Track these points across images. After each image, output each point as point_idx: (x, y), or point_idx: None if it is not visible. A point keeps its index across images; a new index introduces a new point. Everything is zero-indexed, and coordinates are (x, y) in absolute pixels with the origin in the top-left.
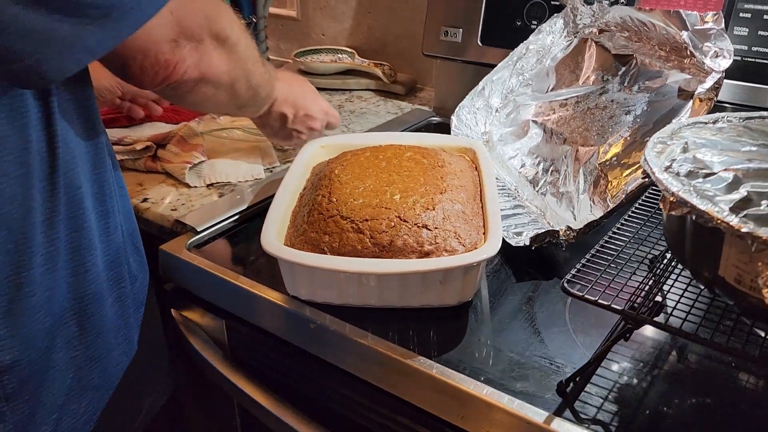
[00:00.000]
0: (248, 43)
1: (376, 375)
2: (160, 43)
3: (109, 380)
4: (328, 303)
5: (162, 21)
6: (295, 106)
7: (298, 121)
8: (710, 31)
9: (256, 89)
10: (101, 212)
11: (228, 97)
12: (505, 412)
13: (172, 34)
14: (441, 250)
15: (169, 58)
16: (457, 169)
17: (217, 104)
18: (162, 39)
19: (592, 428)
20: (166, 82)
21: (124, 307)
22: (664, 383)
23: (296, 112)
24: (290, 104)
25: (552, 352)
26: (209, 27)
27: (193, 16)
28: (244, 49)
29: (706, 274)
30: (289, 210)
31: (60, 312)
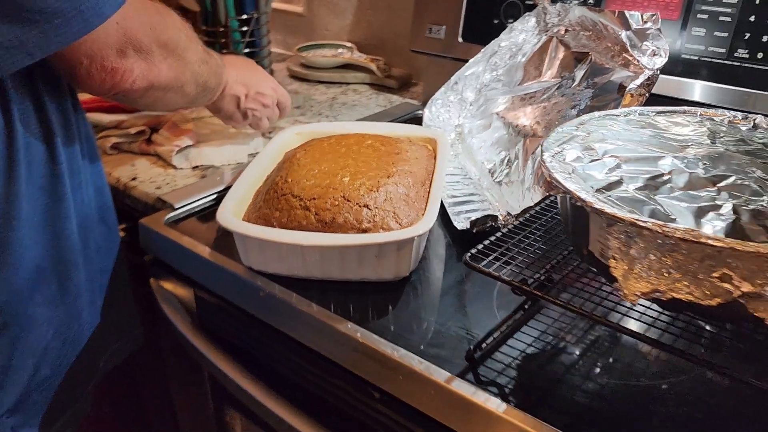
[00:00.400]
0: (195, 47)
1: (314, 341)
2: (106, 50)
3: (82, 336)
4: (278, 274)
5: (108, 31)
6: (246, 86)
7: (250, 100)
8: (648, 31)
9: (204, 85)
10: (76, 185)
11: (179, 98)
12: (414, 373)
13: (119, 44)
14: (378, 228)
15: (116, 66)
16: (413, 157)
17: (168, 104)
18: (108, 47)
19: (488, 389)
20: (114, 90)
21: (92, 273)
22: (566, 355)
23: (248, 91)
24: (241, 84)
25: (472, 325)
26: (157, 38)
27: (140, 27)
28: (191, 54)
29: (583, 250)
30: (254, 189)
31: (41, 270)
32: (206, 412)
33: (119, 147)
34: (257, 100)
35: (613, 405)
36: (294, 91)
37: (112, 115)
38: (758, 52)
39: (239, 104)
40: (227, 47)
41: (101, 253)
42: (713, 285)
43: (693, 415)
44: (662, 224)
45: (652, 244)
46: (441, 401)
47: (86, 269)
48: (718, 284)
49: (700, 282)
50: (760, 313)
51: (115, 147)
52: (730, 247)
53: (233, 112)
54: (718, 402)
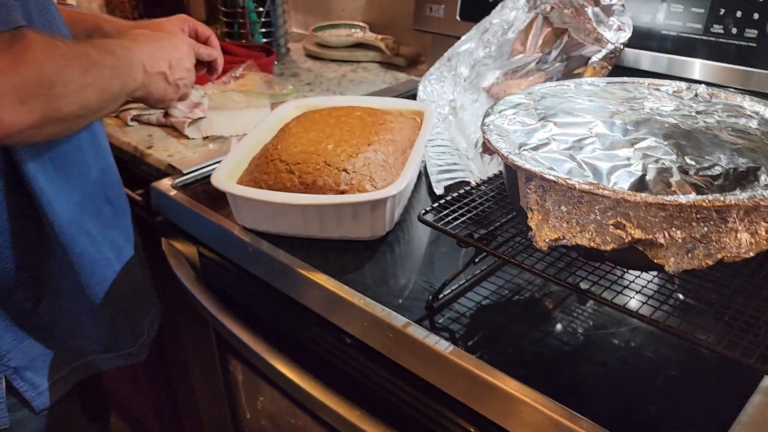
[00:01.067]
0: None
1: (295, 291)
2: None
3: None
4: (267, 232)
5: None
6: (166, 58)
7: (175, 70)
8: (614, 7)
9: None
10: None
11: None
12: (376, 318)
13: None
14: (355, 190)
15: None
16: (396, 128)
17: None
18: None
19: (440, 334)
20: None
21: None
22: (516, 308)
23: (170, 62)
24: (161, 59)
25: (436, 280)
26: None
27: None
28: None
29: (517, 206)
30: (250, 156)
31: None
32: (213, 361)
33: (139, 119)
34: (180, 66)
35: (551, 350)
36: (307, 69)
37: None
38: (732, 28)
39: (167, 79)
40: (244, 27)
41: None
42: (610, 232)
43: (626, 359)
44: (566, 178)
45: (562, 198)
46: (398, 345)
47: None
48: (613, 231)
49: (601, 229)
50: (659, 260)
51: (136, 119)
52: (622, 197)
53: (164, 90)
54: (650, 348)
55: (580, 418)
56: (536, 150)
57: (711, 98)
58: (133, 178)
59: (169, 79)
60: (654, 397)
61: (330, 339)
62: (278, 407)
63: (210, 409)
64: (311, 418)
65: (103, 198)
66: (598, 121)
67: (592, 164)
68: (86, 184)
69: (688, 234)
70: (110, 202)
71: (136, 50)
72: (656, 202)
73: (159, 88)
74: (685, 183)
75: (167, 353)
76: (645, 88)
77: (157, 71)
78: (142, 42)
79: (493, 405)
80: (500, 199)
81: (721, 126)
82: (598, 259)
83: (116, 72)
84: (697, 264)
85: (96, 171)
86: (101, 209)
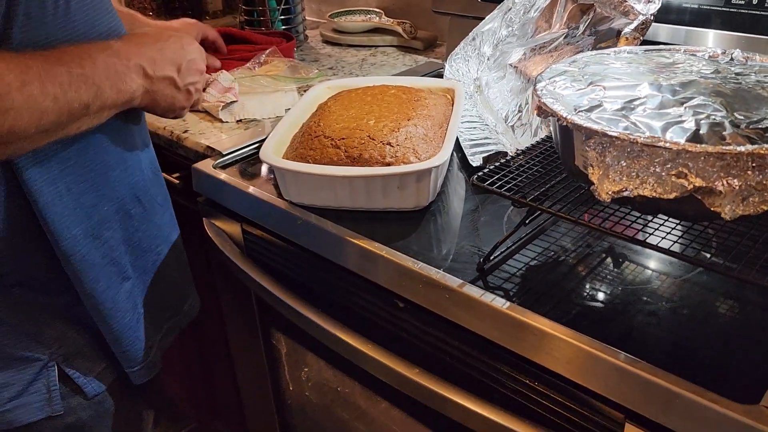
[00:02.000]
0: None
1: (345, 260)
2: None
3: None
4: (313, 205)
5: None
6: (173, 61)
7: (185, 74)
8: None
9: (99, 97)
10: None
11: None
12: (432, 281)
13: None
14: (399, 162)
15: None
16: (431, 104)
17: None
18: None
19: (495, 292)
20: None
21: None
22: (564, 266)
23: (179, 65)
24: (167, 62)
25: (483, 244)
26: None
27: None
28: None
29: (571, 166)
30: (291, 134)
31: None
32: (255, 336)
33: None
34: (191, 69)
35: (603, 303)
36: (327, 54)
37: None
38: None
39: (177, 84)
40: (264, 15)
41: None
42: (671, 182)
43: (675, 310)
44: (629, 133)
45: (622, 153)
46: (454, 304)
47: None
48: (675, 180)
49: (661, 180)
50: (716, 207)
51: None
52: (683, 149)
53: (173, 96)
54: (697, 299)
55: (637, 361)
56: (590, 112)
57: (746, 61)
58: (170, 163)
59: (178, 84)
60: (707, 343)
61: (381, 304)
62: (323, 377)
63: (250, 384)
64: (359, 384)
65: (131, 199)
66: (645, 84)
67: (646, 122)
68: (103, 187)
69: (744, 182)
70: (140, 203)
71: (132, 53)
72: (716, 152)
73: (166, 95)
74: (738, 135)
75: (205, 335)
76: (681, 54)
77: (162, 75)
78: (139, 43)
79: (551, 353)
80: (545, 164)
81: (761, 84)
82: (653, 212)
83: (80, 84)
84: (753, 210)
85: (120, 171)
86: (127, 212)
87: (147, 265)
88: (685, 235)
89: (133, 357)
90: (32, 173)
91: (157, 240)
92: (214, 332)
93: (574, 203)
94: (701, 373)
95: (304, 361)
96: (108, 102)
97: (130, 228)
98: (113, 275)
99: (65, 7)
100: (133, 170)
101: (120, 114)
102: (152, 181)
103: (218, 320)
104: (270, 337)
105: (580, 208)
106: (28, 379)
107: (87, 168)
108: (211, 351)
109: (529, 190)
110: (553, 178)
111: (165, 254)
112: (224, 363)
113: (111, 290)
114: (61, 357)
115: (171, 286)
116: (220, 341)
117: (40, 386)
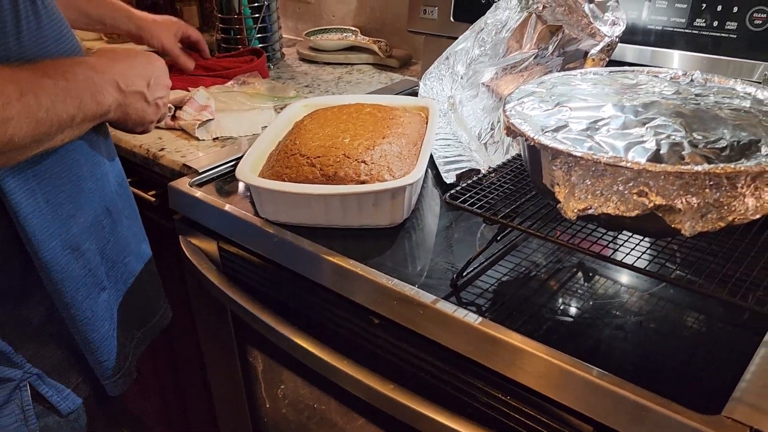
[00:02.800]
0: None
1: (321, 277)
2: None
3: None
4: (288, 223)
5: None
6: (143, 76)
7: (154, 89)
8: (608, 3)
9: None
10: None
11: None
12: (406, 297)
13: None
14: (374, 180)
15: None
16: (406, 122)
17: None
18: None
19: (468, 308)
20: None
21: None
22: (535, 282)
23: (148, 80)
24: (137, 77)
25: (457, 261)
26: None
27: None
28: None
29: (540, 185)
30: (267, 152)
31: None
32: (231, 353)
33: None
34: (159, 84)
35: (573, 318)
36: (303, 72)
37: None
38: (714, 21)
39: (146, 98)
40: (241, 33)
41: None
42: (634, 200)
43: (642, 324)
44: (592, 153)
45: (587, 172)
46: (428, 320)
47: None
48: (637, 199)
49: (624, 198)
50: (676, 224)
51: None
52: (644, 168)
53: (143, 110)
54: (662, 313)
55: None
56: (557, 132)
57: (706, 83)
58: (146, 181)
59: (148, 99)
60: (672, 355)
61: (357, 321)
62: (300, 394)
63: (225, 401)
64: (336, 400)
65: (102, 211)
66: (609, 105)
67: (610, 142)
68: (79, 198)
69: (702, 200)
70: (110, 214)
71: (106, 68)
72: (675, 171)
73: (137, 109)
74: (696, 155)
75: (180, 353)
76: (645, 75)
77: (134, 90)
78: (111, 59)
79: (523, 368)
80: (516, 182)
81: (719, 106)
82: (617, 229)
83: (66, 96)
84: (711, 227)
85: (92, 183)
86: (100, 223)
87: (119, 275)
88: (650, 250)
89: (109, 367)
90: (11, 185)
91: (126, 251)
92: (190, 350)
93: (544, 220)
94: (667, 384)
95: (280, 378)
96: (89, 114)
97: (102, 239)
98: (92, 286)
99: (36, 23)
100: (103, 183)
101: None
102: (119, 193)
103: (193, 338)
104: (246, 355)
105: (549, 225)
106: (1, 401)
107: (63, 179)
108: (186, 368)
109: (501, 207)
110: (524, 196)
111: (134, 266)
112: (199, 381)
113: (90, 300)
114: (35, 376)
115: (142, 296)
116: (195, 359)
117: (14, 407)
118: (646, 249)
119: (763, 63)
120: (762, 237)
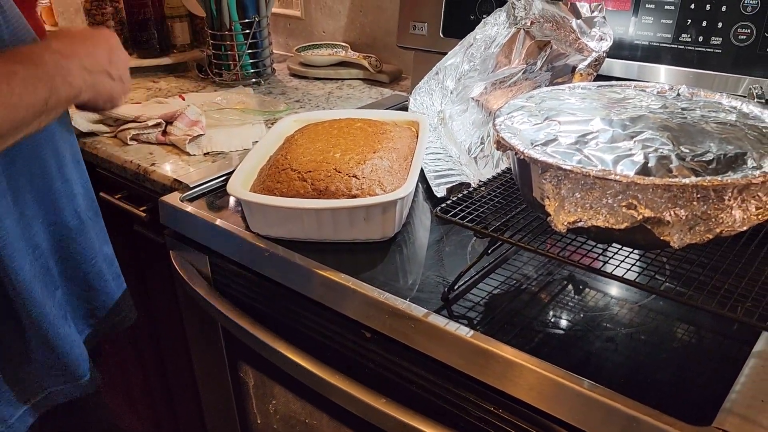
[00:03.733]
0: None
1: (313, 291)
2: None
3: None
4: (280, 237)
5: None
6: (104, 55)
7: (114, 65)
8: (595, 19)
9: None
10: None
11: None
12: (398, 311)
13: None
14: (365, 194)
15: None
16: (396, 137)
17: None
18: None
19: (459, 321)
20: None
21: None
22: (526, 294)
23: (110, 58)
24: (100, 56)
25: (448, 274)
26: None
27: None
28: None
29: (529, 198)
30: (258, 167)
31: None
32: (222, 369)
33: (138, 138)
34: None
35: (564, 330)
36: (294, 87)
37: (130, 106)
38: (699, 36)
39: (111, 75)
40: (232, 49)
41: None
42: (623, 213)
43: (632, 335)
44: (581, 167)
45: (576, 185)
46: (420, 334)
47: None
48: (626, 211)
49: (613, 211)
50: (665, 236)
51: (135, 138)
52: (632, 181)
53: (111, 87)
54: (653, 325)
55: (598, 387)
56: (546, 146)
57: (692, 97)
58: (136, 196)
59: (113, 75)
60: (663, 367)
61: (348, 335)
62: (292, 409)
63: (216, 417)
64: (328, 415)
65: (71, 212)
66: (598, 119)
67: (599, 156)
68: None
69: (690, 212)
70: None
71: (70, 52)
72: (663, 184)
73: (105, 86)
74: (684, 168)
75: (170, 368)
76: (632, 89)
77: (99, 69)
78: (72, 41)
79: (515, 381)
80: (506, 195)
81: (705, 119)
82: (607, 241)
83: (36, 81)
84: (699, 239)
85: (60, 184)
86: (65, 224)
87: (78, 275)
88: (639, 262)
89: (73, 369)
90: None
91: (91, 252)
92: (180, 364)
93: (534, 233)
94: (658, 396)
95: (271, 393)
96: (62, 97)
97: (64, 239)
98: (48, 284)
99: (2, 14)
100: (70, 184)
101: (56, 130)
102: (84, 196)
103: (184, 353)
104: (237, 370)
105: (540, 238)
106: None
107: (29, 181)
108: (176, 383)
109: (491, 220)
110: (514, 209)
111: (98, 266)
112: (190, 396)
113: (46, 298)
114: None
115: (102, 296)
116: (185, 373)
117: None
118: (635, 261)
119: (748, 77)
120: (749, 249)
